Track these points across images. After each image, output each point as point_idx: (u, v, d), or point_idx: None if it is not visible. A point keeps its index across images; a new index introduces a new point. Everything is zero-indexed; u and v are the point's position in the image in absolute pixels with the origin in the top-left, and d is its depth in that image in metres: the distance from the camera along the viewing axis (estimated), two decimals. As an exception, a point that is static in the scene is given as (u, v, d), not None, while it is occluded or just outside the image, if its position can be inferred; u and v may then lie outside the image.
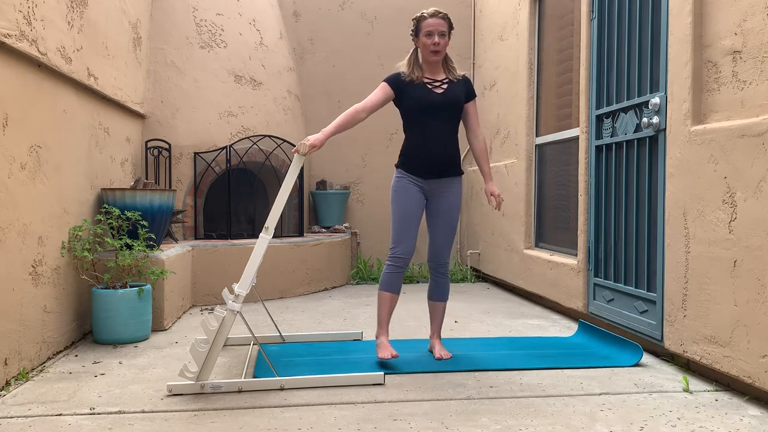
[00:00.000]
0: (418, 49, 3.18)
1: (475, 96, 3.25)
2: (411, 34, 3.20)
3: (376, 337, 3.12)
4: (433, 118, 3.11)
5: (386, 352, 3.00)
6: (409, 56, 3.20)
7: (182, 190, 5.07)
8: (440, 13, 3.12)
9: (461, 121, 3.23)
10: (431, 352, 3.24)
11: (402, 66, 3.20)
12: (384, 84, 3.16)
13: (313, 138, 2.95)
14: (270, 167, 5.34)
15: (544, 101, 4.84)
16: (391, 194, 3.18)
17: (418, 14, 3.14)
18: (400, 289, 3.16)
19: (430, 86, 3.13)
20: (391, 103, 3.19)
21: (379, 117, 6.43)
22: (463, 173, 3.26)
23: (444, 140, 3.13)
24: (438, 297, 3.25)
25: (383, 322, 3.12)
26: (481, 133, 3.27)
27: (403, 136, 3.21)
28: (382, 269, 6.24)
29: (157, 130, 5.02)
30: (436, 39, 3.07)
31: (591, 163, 3.87)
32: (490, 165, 5.80)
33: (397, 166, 3.19)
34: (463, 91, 3.18)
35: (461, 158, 3.20)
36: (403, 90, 3.13)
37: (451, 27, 3.16)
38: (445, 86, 3.14)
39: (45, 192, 3.13)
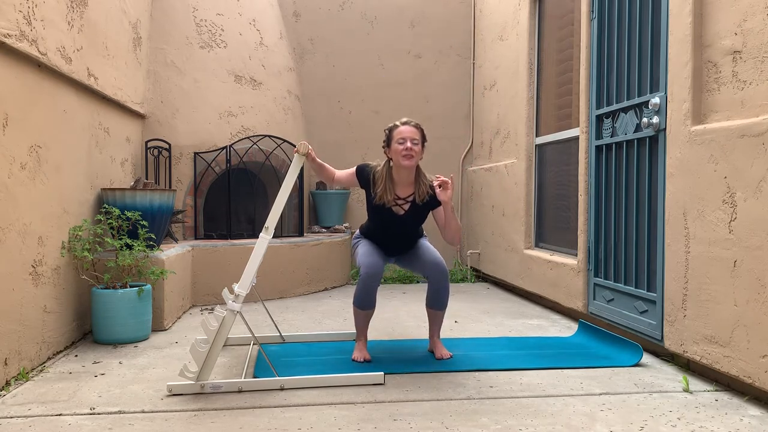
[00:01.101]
0: (391, 161, 3.13)
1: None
2: (383, 145, 3.15)
3: (355, 340, 3.27)
4: (394, 226, 3.18)
5: (359, 355, 3.13)
6: (381, 168, 3.14)
7: (182, 190, 5.07)
8: (412, 122, 3.11)
9: (434, 217, 3.23)
10: (431, 352, 3.25)
11: (376, 170, 3.15)
12: (354, 176, 3.19)
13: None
14: (270, 167, 5.34)
15: (544, 101, 4.84)
16: (352, 248, 3.33)
17: (390, 124, 3.14)
18: (375, 304, 3.17)
19: (393, 204, 3.13)
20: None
21: (380, 117, 6.45)
22: (424, 236, 3.34)
23: (405, 237, 3.24)
24: (438, 306, 3.22)
25: (360, 332, 3.22)
26: (455, 227, 3.11)
27: None
28: (382, 269, 6.24)
29: (157, 130, 5.02)
30: (409, 144, 3.03)
31: (591, 163, 3.87)
32: (489, 165, 5.85)
33: (360, 231, 3.32)
34: (429, 206, 3.17)
35: (421, 233, 3.32)
36: (369, 191, 3.17)
37: (424, 138, 3.12)
38: (407, 206, 3.14)
39: (45, 192, 3.13)
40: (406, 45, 6.56)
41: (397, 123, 3.11)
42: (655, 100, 3.12)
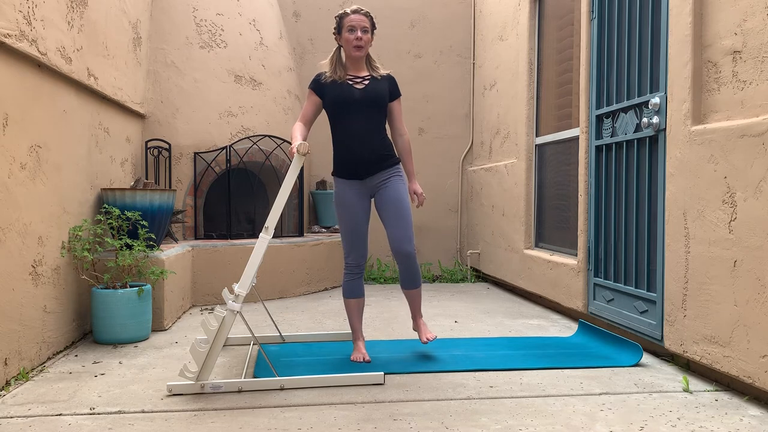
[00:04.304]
0: (341, 48, 3.18)
1: (400, 95, 3.23)
2: (333, 32, 3.19)
3: (353, 341, 3.25)
4: (355, 116, 3.10)
5: (358, 355, 3.13)
6: (331, 55, 3.20)
7: (182, 190, 5.07)
8: (362, 9, 3.13)
9: (386, 120, 3.22)
10: (416, 331, 3.27)
11: (324, 65, 3.20)
12: (309, 90, 3.19)
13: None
14: (270, 167, 5.34)
15: (544, 101, 4.84)
16: (334, 205, 3.23)
17: (341, 11, 3.15)
18: (363, 292, 3.23)
19: (351, 82, 3.13)
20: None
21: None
22: (398, 163, 3.20)
23: (367, 139, 3.11)
24: (409, 285, 3.20)
25: (356, 329, 3.23)
26: (406, 132, 3.26)
27: None
28: (381, 269, 6.25)
29: (157, 130, 5.02)
30: (359, 34, 3.07)
31: (591, 163, 3.87)
32: (489, 165, 5.85)
33: (333, 174, 3.22)
34: (387, 88, 3.17)
35: (392, 151, 3.20)
36: (324, 91, 3.14)
37: (373, 26, 3.16)
38: (366, 82, 3.14)
39: (45, 192, 3.13)
40: (406, 45, 6.56)
41: (348, 11, 3.12)
42: (655, 100, 3.12)
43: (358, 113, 3.10)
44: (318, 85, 3.16)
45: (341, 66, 3.16)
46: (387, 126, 3.24)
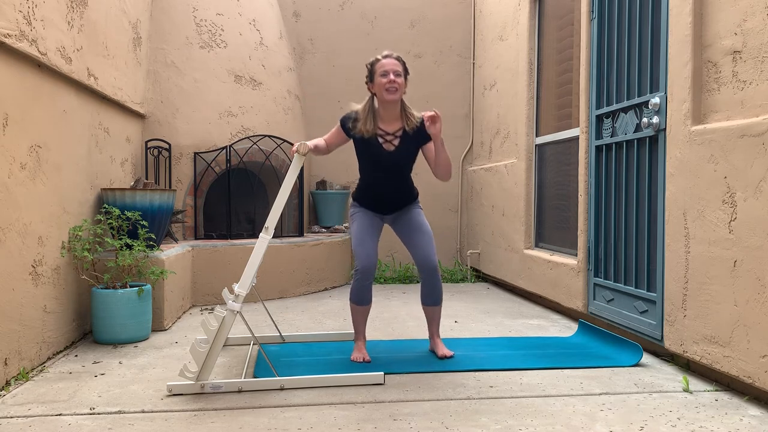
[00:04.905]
0: (375, 97, 3.10)
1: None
2: (366, 81, 3.13)
3: (354, 341, 3.27)
4: (383, 173, 3.12)
5: (358, 355, 3.13)
6: (363, 104, 3.11)
7: (182, 190, 5.07)
8: (394, 54, 3.09)
9: (423, 155, 3.19)
10: (433, 351, 3.25)
11: (357, 109, 3.14)
12: (340, 128, 3.14)
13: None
14: (270, 167, 5.34)
15: (544, 101, 4.84)
16: (349, 219, 3.24)
17: (372, 59, 3.10)
18: (371, 299, 3.20)
19: (381, 140, 3.08)
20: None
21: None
22: (417, 196, 3.25)
23: (395, 187, 3.16)
24: (432, 302, 3.22)
25: (359, 332, 3.23)
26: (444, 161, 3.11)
27: None
28: (381, 269, 6.25)
29: (157, 130, 5.02)
30: (392, 77, 3.00)
31: (591, 163, 3.87)
32: (489, 165, 5.85)
33: (353, 197, 3.24)
34: (419, 139, 3.13)
35: (413, 188, 3.25)
36: (353, 138, 3.12)
37: (406, 71, 3.10)
38: (397, 141, 3.09)
39: (45, 192, 3.13)
40: (406, 45, 6.56)
41: (379, 57, 3.08)
42: (655, 100, 3.12)
43: (386, 172, 3.12)
44: (347, 129, 3.12)
45: (373, 117, 3.08)
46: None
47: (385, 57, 3.07)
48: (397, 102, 3.07)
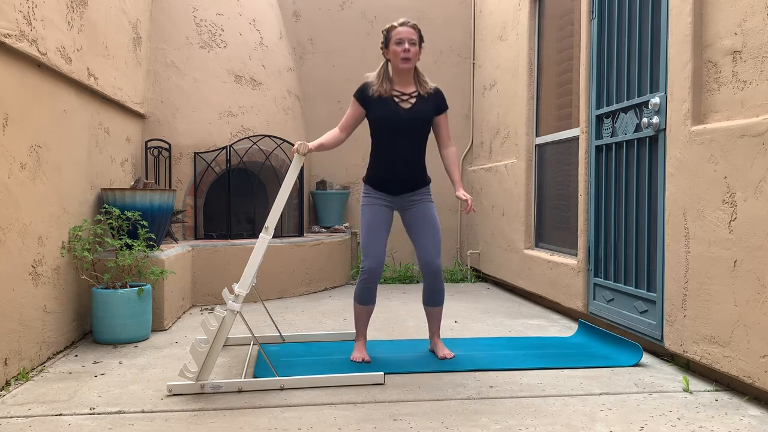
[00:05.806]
0: (389, 62, 3.13)
1: (447, 109, 3.20)
2: (381, 46, 3.15)
3: (354, 341, 3.26)
4: (399, 135, 3.09)
5: (358, 355, 3.13)
6: (378, 69, 3.15)
7: (182, 190, 5.07)
8: (410, 22, 3.09)
9: (432, 133, 3.20)
10: (433, 352, 3.25)
11: (371, 77, 3.16)
12: (356, 103, 3.14)
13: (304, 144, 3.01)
14: (270, 167, 5.34)
15: (544, 101, 4.84)
16: (360, 209, 3.21)
17: (388, 25, 3.11)
18: (375, 300, 3.19)
19: (397, 100, 3.09)
20: None
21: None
22: (429, 182, 3.23)
23: (409, 159, 3.12)
24: (433, 303, 3.22)
25: (360, 332, 3.22)
26: (452, 145, 3.23)
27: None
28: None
29: (157, 130, 5.02)
30: (407, 46, 3.03)
31: (591, 163, 3.87)
32: (489, 165, 5.85)
33: (365, 180, 3.20)
34: (434, 105, 3.14)
35: (426, 171, 3.21)
36: (369, 104, 3.11)
37: (421, 39, 3.13)
38: (413, 100, 3.10)
39: (45, 192, 3.13)
40: (406, 45, 6.55)
41: (395, 24, 3.09)
42: (655, 100, 3.12)
43: (403, 133, 3.09)
44: (363, 96, 3.12)
45: (388, 80, 3.11)
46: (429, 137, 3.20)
47: (402, 24, 3.08)
48: (411, 70, 3.12)
